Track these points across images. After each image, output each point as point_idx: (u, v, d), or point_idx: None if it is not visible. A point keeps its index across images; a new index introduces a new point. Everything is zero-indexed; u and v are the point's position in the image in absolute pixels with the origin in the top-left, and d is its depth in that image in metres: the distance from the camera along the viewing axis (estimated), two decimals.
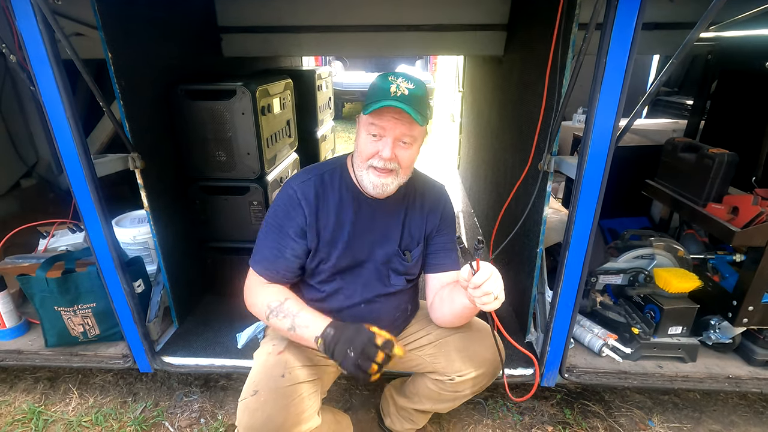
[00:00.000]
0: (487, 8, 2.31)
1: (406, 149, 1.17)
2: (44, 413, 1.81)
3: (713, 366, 1.71)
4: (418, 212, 1.34)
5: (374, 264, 1.31)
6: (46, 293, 1.67)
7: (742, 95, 2.10)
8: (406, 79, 1.13)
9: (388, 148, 1.13)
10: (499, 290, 1.06)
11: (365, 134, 1.17)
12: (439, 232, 1.36)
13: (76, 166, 1.39)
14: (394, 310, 1.38)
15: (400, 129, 1.13)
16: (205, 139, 1.90)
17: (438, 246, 1.36)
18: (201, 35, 2.23)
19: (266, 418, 1.13)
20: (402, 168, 1.18)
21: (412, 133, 1.15)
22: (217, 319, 2.02)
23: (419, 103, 1.12)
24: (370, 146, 1.15)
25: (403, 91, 1.10)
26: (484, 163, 3.04)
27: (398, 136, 1.14)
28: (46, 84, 1.29)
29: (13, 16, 1.21)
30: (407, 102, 1.10)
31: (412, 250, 1.34)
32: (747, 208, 1.53)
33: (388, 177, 1.17)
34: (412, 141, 1.16)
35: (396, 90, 1.10)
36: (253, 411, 1.14)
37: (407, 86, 1.11)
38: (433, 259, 1.36)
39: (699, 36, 1.17)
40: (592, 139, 1.30)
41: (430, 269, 1.37)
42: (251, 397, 1.16)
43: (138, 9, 1.61)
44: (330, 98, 4.04)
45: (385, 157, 1.14)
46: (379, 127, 1.13)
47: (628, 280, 1.85)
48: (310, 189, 1.24)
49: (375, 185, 1.18)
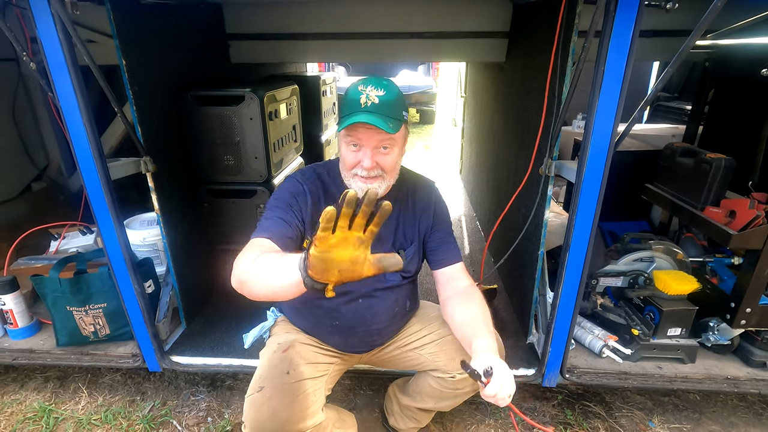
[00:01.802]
0: (489, 16, 2.36)
1: (387, 154, 1.18)
2: (54, 411, 1.85)
3: (712, 367, 1.74)
4: (411, 212, 1.36)
5: None
6: (58, 293, 1.71)
7: (739, 102, 2.14)
8: (375, 86, 1.14)
9: (368, 158, 1.15)
10: (508, 392, 1.05)
11: (345, 145, 1.19)
12: (435, 229, 1.38)
13: (92, 169, 1.43)
14: (393, 305, 1.40)
15: (376, 138, 1.14)
16: (213, 144, 1.95)
17: (436, 243, 1.38)
18: (210, 42, 2.28)
19: (272, 413, 1.16)
20: (387, 172, 1.20)
21: (389, 138, 1.16)
22: (224, 319, 2.06)
23: (390, 108, 1.13)
24: (351, 156, 1.18)
25: (373, 100, 1.12)
26: (486, 167, 3.08)
27: (376, 144, 1.15)
28: (63, 89, 1.34)
29: (34, 25, 1.26)
30: (377, 111, 1.11)
31: (407, 249, 1.36)
32: (744, 211, 1.56)
33: (375, 182, 1.19)
34: (391, 145, 1.18)
35: (366, 100, 1.12)
36: (259, 406, 1.17)
37: (377, 94, 1.12)
38: (435, 256, 1.38)
39: (696, 43, 1.20)
40: (592, 143, 1.33)
41: (434, 266, 1.40)
42: (257, 393, 1.18)
43: (150, 18, 1.66)
44: (334, 103, 4.09)
45: (366, 166, 1.16)
46: (354, 138, 1.15)
47: (628, 282, 1.88)
48: (312, 185, 1.28)
49: (362, 190, 1.17)
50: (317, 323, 1.39)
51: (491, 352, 1.12)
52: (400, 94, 1.19)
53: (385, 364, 1.54)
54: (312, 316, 1.39)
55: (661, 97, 3.71)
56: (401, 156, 1.26)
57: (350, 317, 1.35)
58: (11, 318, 1.87)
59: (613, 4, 1.17)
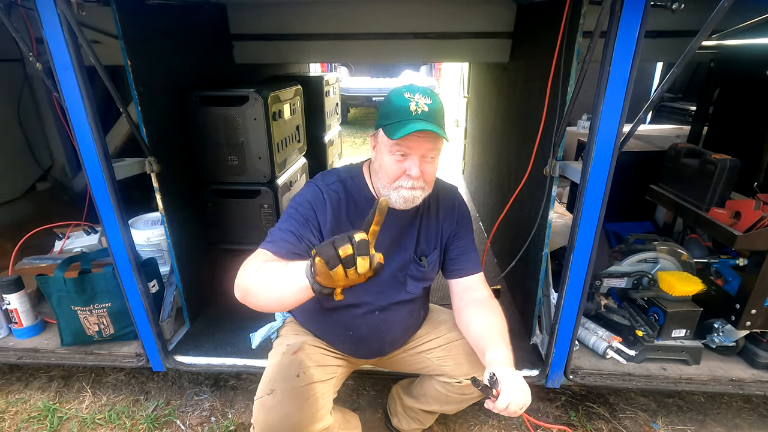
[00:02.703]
0: (493, 17, 2.36)
1: (431, 163, 1.16)
2: (59, 411, 1.85)
3: (717, 369, 1.73)
4: (434, 218, 1.33)
5: (390, 270, 1.30)
6: (63, 293, 1.72)
7: (743, 102, 2.13)
8: (423, 95, 1.11)
9: (416, 167, 1.12)
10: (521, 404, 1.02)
11: (388, 155, 1.14)
12: (458, 237, 1.35)
13: (97, 169, 1.43)
14: (408, 317, 1.38)
15: (426, 146, 1.11)
16: (217, 144, 1.96)
17: (458, 251, 1.35)
18: (214, 43, 2.29)
19: (282, 416, 1.15)
20: (427, 183, 1.18)
21: (436, 147, 1.14)
22: (228, 319, 2.06)
23: (440, 116, 1.12)
24: (396, 167, 1.13)
25: (423, 108, 1.09)
26: (489, 167, 3.08)
27: (425, 153, 1.12)
28: (69, 90, 1.34)
29: (41, 26, 1.27)
30: (430, 119, 1.09)
31: (428, 255, 1.33)
32: (749, 212, 1.56)
33: (416, 191, 1.16)
34: (436, 155, 1.16)
35: (416, 108, 1.09)
36: (269, 409, 1.16)
37: (426, 102, 1.10)
38: (454, 264, 1.35)
39: (701, 44, 1.20)
40: (596, 144, 1.33)
41: (451, 275, 1.36)
42: (267, 396, 1.17)
43: (156, 18, 1.67)
44: (337, 104, 4.10)
45: (414, 175, 1.12)
46: (405, 147, 1.11)
47: (632, 283, 1.87)
48: (334, 193, 1.23)
49: (407, 200, 1.16)
50: (329, 330, 1.38)
51: (505, 364, 1.09)
52: (442, 103, 1.17)
53: (392, 366, 1.53)
54: (325, 323, 1.37)
55: (665, 98, 3.71)
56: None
57: (365, 329, 1.33)
58: (16, 317, 1.87)
59: (618, 4, 1.17)
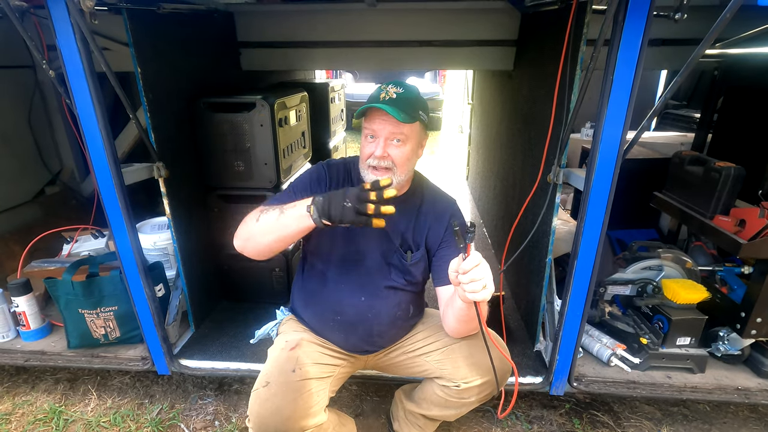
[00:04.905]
0: (497, 25, 2.38)
1: (399, 147, 1.24)
2: (64, 413, 1.87)
3: (722, 377, 1.72)
4: (422, 218, 1.38)
5: (375, 258, 1.37)
6: (71, 296, 1.74)
7: (748, 110, 2.13)
8: (396, 86, 1.24)
9: (380, 147, 1.23)
10: (488, 278, 1.06)
11: (363, 138, 1.29)
12: (446, 245, 1.37)
13: (106, 174, 1.46)
14: (395, 308, 1.41)
15: (389, 128, 1.22)
16: (224, 150, 1.98)
17: (445, 259, 1.35)
18: (221, 50, 2.32)
19: (275, 408, 1.21)
20: (397, 166, 1.25)
21: (401, 132, 1.22)
22: (233, 324, 2.07)
23: (405, 103, 1.21)
24: (367, 147, 1.26)
25: (391, 95, 1.22)
26: (492, 174, 3.09)
27: (388, 135, 1.23)
28: (81, 96, 1.37)
29: (54, 34, 1.30)
30: (392, 104, 1.19)
31: (414, 252, 1.38)
32: (754, 220, 1.56)
33: (385, 174, 1.24)
34: (404, 139, 1.24)
35: (384, 95, 1.22)
36: (263, 401, 1.22)
37: (395, 91, 1.23)
38: (441, 272, 1.37)
39: (705, 52, 1.21)
40: (600, 152, 1.34)
41: (438, 282, 1.38)
42: (262, 388, 1.24)
43: (166, 26, 1.69)
44: (342, 110, 4.12)
45: (378, 155, 1.23)
46: (370, 129, 1.25)
47: (637, 290, 1.87)
48: (335, 171, 1.37)
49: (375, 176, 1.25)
50: (321, 315, 1.42)
51: None
52: (419, 96, 1.27)
53: (391, 369, 1.55)
54: (317, 305, 1.43)
55: (669, 105, 3.71)
56: (415, 155, 1.30)
57: (352, 314, 1.38)
58: (24, 320, 1.90)
59: (621, 14, 1.18)
